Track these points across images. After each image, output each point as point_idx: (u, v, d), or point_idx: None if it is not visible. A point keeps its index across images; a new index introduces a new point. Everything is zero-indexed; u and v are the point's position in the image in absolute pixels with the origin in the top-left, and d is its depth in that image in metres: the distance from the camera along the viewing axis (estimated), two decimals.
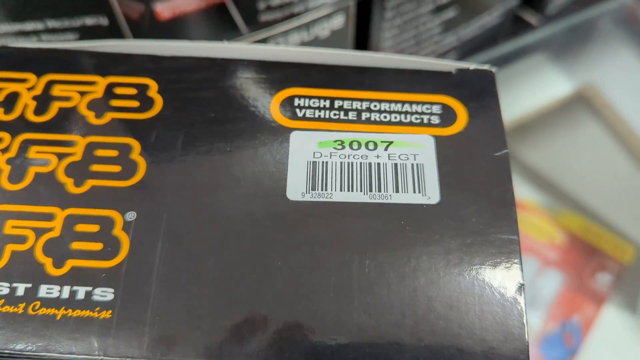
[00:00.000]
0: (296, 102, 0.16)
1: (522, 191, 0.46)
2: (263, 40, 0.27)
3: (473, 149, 0.15)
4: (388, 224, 0.14)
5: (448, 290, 0.13)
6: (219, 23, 0.27)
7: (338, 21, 0.28)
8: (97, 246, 0.14)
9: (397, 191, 0.15)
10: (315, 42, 0.28)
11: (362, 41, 0.30)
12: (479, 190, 0.14)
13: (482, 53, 0.38)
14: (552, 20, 0.39)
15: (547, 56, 0.44)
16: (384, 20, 0.30)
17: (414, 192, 0.15)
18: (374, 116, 0.16)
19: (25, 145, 0.15)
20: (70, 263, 0.14)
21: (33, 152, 0.15)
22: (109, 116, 0.16)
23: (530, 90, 0.45)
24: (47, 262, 0.14)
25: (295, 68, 0.17)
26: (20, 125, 0.15)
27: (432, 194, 0.14)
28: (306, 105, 0.16)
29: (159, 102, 0.16)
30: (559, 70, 0.45)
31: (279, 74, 0.16)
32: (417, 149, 0.15)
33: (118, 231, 0.14)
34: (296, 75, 0.16)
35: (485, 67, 0.17)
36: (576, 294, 0.42)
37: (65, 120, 0.15)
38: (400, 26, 0.31)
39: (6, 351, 0.13)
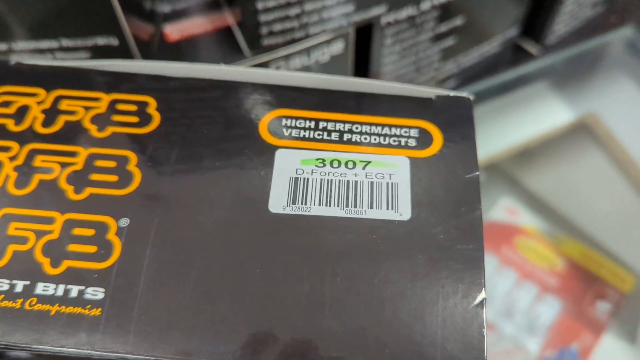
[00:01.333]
0: (283, 122, 0.17)
1: (524, 217, 0.46)
2: (265, 64, 0.28)
3: (446, 170, 0.16)
4: (361, 238, 0.15)
5: (413, 302, 0.14)
6: (224, 46, 0.29)
7: (338, 47, 0.29)
8: (92, 249, 0.15)
9: (372, 207, 0.16)
10: (316, 66, 0.29)
11: (362, 66, 0.32)
12: (449, 209, 0.15)
13: (483, 80, 0.39)
14: (552, 51, 0.40)
15: (548, 85, 0.45)
16: (384, 47, 0.31)
17: (387, 208, 0.16)
18: (355, 137, 0.17)
19: (32, 154, 0.16)
20: (66, 263, 0.15)
21: (38, 161, 0.16)
22: (110, 130, 0.17)
23: (531, 118, 0.46)
24: (45, 261, 0.15)
25: (285, 91, 0.18)
26: (28, 136, 0.17)
27: (404, 211, 0.15)
28: (292, 125, 0.17)
29: (156, 119, 0.17)
30: (561, 99, 0.46)
31: (269, 96, 0.18)
32: (393, 169, 0.16)
33: (112, 236, 0.15)
34: (285, 98, 0.18)
35: (464, 94, 0.18)
36: (575, 321, 0.43)
37: (70, 132, 0.17)
38: (399, 52, 0.32)
39: (2, 342, 0.14)
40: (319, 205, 0.16)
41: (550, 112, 0.46)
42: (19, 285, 0.15)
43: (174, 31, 0.29)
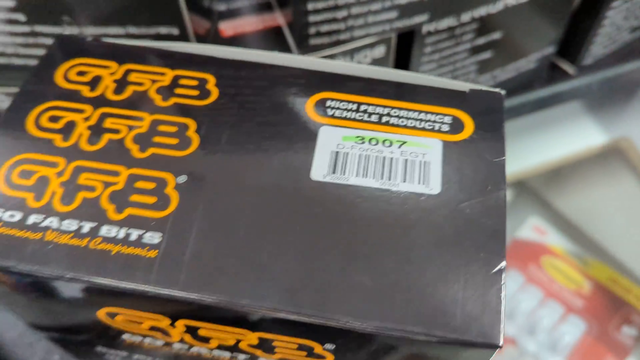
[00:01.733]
0: (328, 103, 0.19)
1: (552, 237, 0.47)
2: None
3: (475, 153, 0.18)
4: (393, 206, 0.17)
5: (438, 264, 0.16)
6: (273, 44, 0.31)
7: (379, 51, 0.31)
8: (152, 200, 0.17)
9: (405, 181, 0.17)
10: None
11: None
12: (476, 187, 0.17)
13: (517, 96, 0.41)
14: (588, 72, 0.41)
15: (582, 105, 0.46)
16: (423, 55, 0.33)
17: (419, 183, 0.17)
18: (393, 120, 0.18)
19: (103, 117, 0.18)
20: (128, 211, 0.17)
21: (108, 123, 0.18)
22: (173, 100, 0.19)
23: (563, 137, 0.46)
24: (110, 208, 0.17)
25: (331, 77, 0.19)
26: (101, 101, 0.19)
27: (434, 186, 0.17)
28: (336, 106, 0.19)
29: (215, 93, 0.19)
30: (594, 121, 0.47)
31: (316, 81, 0.19)
32: (426, 149, 0.18)
33: (170, 190, 0.17)
34: (331, 83, 0.19)
35: (496, 89, 0.19)
36: (599, 344, 0.43)
37: (137, 100, 0.19)
38: (437, 61, 0.34)
39: (68, 275, 0.16)
40: (357, 176, 0.17)
41: (583, 133, 0.47)
42: (86, 227, 0.16)
43: (228, 28, 0.31)
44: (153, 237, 0.16)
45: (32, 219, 0.17)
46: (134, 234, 0.16)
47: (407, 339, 0.15)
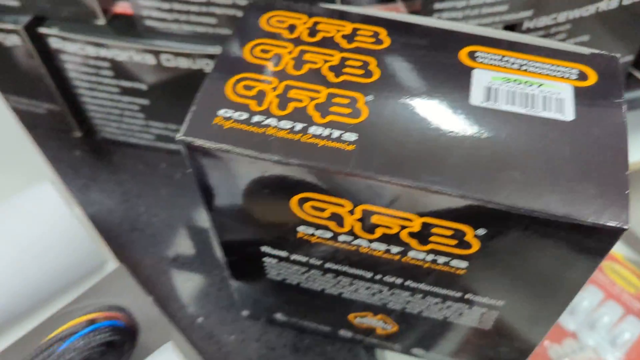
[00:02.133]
0: (477, 54, 0.24)
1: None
2: None
3: (599, 95, 0.22)
4: (536, 126, 0.21)
5: (575, 167, 0.20)
6: None
7: None
8: (347, 110, 0.22)
9: (545, 110, 0.22)
10: None
11: None
12: (602, 118, 0.21)
13: None
14: None
15: None
16: None
17: (556, 112, 0.22)
18: (531, 69, 0.23)
19: (302, 52, 0.24)
20: (330, 117, 0.22)
21: (308, 56, 0.24)
22: (355, 44, 0.24)
23: (629, 144, 0.50)
24: (315, 115, 0.22)
25: (476, 36, 0.25)
26: (298, 41, 0.24)
27: (568, 115, 0.22)
28: (484, 56, 0.24)
29: (387, 41, 0.24)
30: None
31: (466, 38, 0.25)
32: (560, 90, 0.22)
33: (361, 105, 0.22)
34: (477, 40, 0.24)
35: (612, 54, 0.24)
36: None
37: (327, 42, 0.24)
38: None
39: (283, 161, 0.21)
40: (506, 104, 0.22)
41: None
42: (298, 126, 0.22)
43: None
44: (350, 136, 0.21)
45: (256, 118, 0.22)
46: (336, 133, 0.21)
47: (552, 223, 0.19)
